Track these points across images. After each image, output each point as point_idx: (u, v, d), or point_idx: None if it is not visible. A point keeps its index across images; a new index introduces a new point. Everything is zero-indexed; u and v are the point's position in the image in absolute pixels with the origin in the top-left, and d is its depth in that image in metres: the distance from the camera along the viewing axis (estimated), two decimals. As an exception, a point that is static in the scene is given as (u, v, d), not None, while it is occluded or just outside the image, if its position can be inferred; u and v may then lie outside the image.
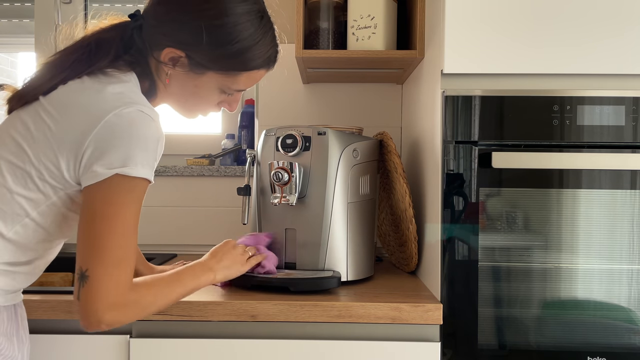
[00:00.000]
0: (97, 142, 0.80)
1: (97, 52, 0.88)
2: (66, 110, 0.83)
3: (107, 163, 0.79)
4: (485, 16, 1.04)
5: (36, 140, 0.83)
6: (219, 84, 0.93)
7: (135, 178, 0.80)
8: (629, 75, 1.05)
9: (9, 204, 0.83)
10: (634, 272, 1.05)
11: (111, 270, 0.78)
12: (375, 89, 1.66)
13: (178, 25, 0.88)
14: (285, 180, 1.15)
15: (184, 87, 0.92)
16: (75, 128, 0.81)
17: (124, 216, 0.80)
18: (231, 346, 1.03)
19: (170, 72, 0.90)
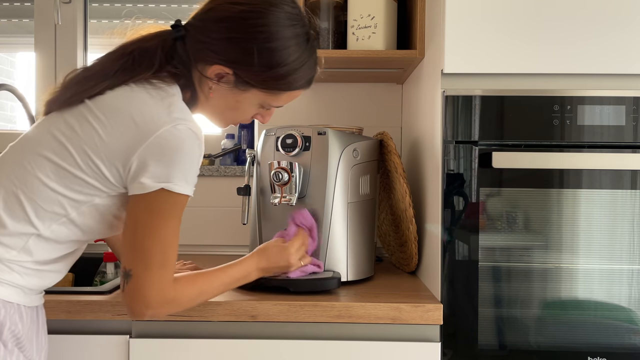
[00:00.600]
0: (146, 156, 0.82)
1: (140, 61, 0.89)
2: (115, 117, 0.85)
3: (154, 177, 0.82)
4: (485, 16, 1.04)
5: (83, 143, 0.84)
6: (260, 100, 0.96)
7: (179, 195, 0.84)
8: (629, 75, 1.05)
9: (50, 203, 0.84)
10: (634, 272, 1.05)
11: (151, 273, 0.84)
12: (375, 89, 1.65)
13: (230, 44, 0.89)
14: (285, 180, 1.15)
15: (225, 100, 0.95)
16: (125, 137, 0.83)
17: (166, 227, 0.84)
18: (231, 346, 1.03)
19: (214, 86, 0.92)
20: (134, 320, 0.93)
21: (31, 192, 0.84)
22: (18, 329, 0.85)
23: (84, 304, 1.02)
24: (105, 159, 0.83)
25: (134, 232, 0.85)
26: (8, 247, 0.83)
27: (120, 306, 1.02)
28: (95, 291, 1.07)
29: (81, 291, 1.07)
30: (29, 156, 0.86)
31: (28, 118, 1.49)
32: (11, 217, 0.84)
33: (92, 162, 0.84)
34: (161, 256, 0.84)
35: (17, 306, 0.85)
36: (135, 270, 0.84)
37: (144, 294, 0.85)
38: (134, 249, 0.84)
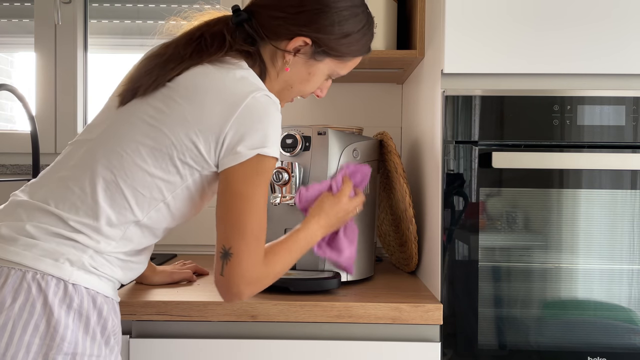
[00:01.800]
0: (239, 126, 0.85)
1: (212, 43, 0.93)
2: (200, 94, 0.87)
3: (249, 144, 0.85)
4: (485, 16, 1.04)
5: (174, 121, 0.86)
6: (331, 69, 1.01)
7: (271, 158, 0.87)
8: (629, 75, 1.05)
9: (149, 188, 0.86)
10: (634, 272, 1.05)
11: (252, 247, 0.86)
12: (375, 89, 1.65)
13: (311, 15, 0.95)
14: (285, 180, 1.15)
15: (298, 73, 0.99)
16: (214, 111, 0.85)
17: (260, 194, 0.87)
18: (231, 346, 1.03)
19: (290, 59, 0.96)
20: (229, 302, 0.94)
21: (131, 180, 0.85)
22: (115, 324, 0.88)
23: (84, 304, 1.01)
24: (199, 133, 0.85)
25: (231, 206, 0.85)
26: (109, 238, 0.84)
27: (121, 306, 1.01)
28: (95, 291, 1.07)
29: (81, 291, 1.07)
30: (123, 144, 0.86)
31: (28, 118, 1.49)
32: (112, 208, 0.85)
33: (187, 140, 0.85)
34: (258, 227, 0.86)
35: (111, 301, 0.86)
36: (236, 246, 0.85)
37: (246, 271, 0.85)
38: (232, 224, 0.85)
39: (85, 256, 0.82)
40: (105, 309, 0.84)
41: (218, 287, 0.88)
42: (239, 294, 0.87)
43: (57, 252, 0.80)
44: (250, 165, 0.85)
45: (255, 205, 0.86)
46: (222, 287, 0.87)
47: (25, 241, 0.80)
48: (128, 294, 1.07)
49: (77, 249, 0.82)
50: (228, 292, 0.87)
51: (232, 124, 0.85)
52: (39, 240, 0.81)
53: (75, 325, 0.80)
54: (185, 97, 0.87)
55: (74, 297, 0.80)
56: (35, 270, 0.78)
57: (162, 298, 1.04)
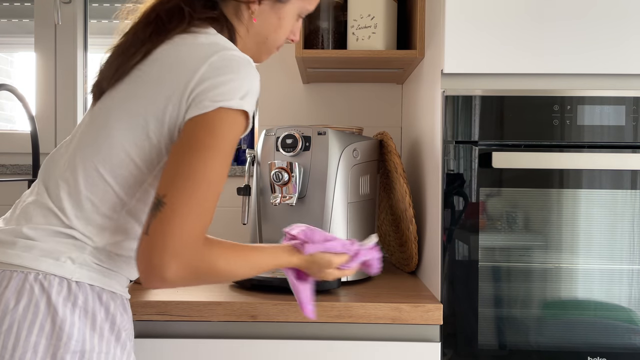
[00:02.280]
0: (203, 81, 0.79)
1: (170, 19, 0.88)
2: (166, 63, 0.84)
3: (211, 96, 0.78)
4: (485, 16, 1.04)
5: (143, 96, 0.82)
6: (299, 8, 0.97)
7: (237, 111, 0.79)
8: (629, 75, 1.05)
9: (128, 167, 0.82)
10: (634, 272, 1.05)
11: (192, 206, 0.73)
12: (375, 89, 1.65)
13: None
14: (285, 180, 1.15)
15: (268, 22, 0.95)
16: (178, 74, 0.81)
17: (219, 150, 0.77)
18: (231, 346, 1.03)
19: (256, 9, 0.93)
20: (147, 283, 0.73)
21: (110, 163, 0.82)
22: (125, 319, 0.85)
23: (84, 304, 1.01)
24: (169, 100, 0.80)
25: (183, 154, 0.76)
26: (102, 229, 0.82)
27: (120, 306, 1.02)
28: (95, 291, 1.07)
29: (81, 291, 1.07)
30: (98, 132, 0.84)
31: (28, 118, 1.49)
32: (95, 194, 0.82)
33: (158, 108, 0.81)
34: (206, 188, 0.75)
35: (119, 297, 0.85)
36: (171, 195, 0.73)
37: (177, 233, 0.71)
38: (176, 172, 0.75)
39: (86, 253, 0.81)
40: (112, 305, 0.83)
41: (139, 255, 0.73)
42: (161, 268, 0.71)
43: (57, 251, 0.80)
44: (214, 118, 0.78)
45: (213, 159, 0.76)
46: (143, 254, 0.73)
47: (23, 243, 0.80)
48: (128, 294, 1.07)
49: (77, 247, 0.81)
50: (148, 262, 0.72)
51: (197, 80, 0.79)
52: (38, 241, 0.80)
53: (82, 323, 0.78)
54: (152, 71, 0.84)
55: (79, 295, 0.79)
56: (37, 271, 0.78)
57: (162, 298, 1.04)
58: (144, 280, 0.74)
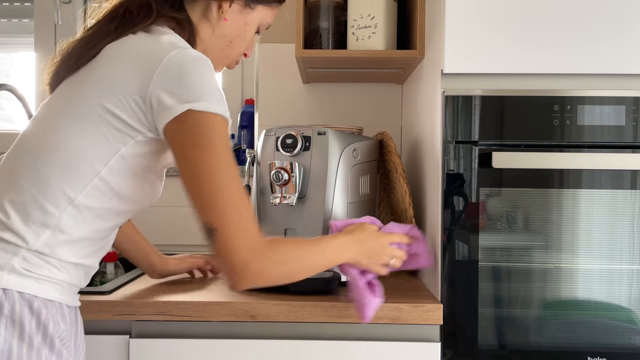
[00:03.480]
0: (163, 82, 0.79)
1: (138, 13, 0.89)
2: (120, 57, 0.83)
3: (178, 97, 0.78)
4: (485, 16, 1.04)
5: (95, 88, 0.81)
6: (261, 18, 1.00)
7: (209, 114, 0.79)
8: (629, 75, 1.05)
9: (76, 159, 0.80)
10: (634, 272, 1.05)
11: (236, 215, 0.78)
12: (375, 89, 1.66)
13: None
14: (285, 180, 1.15)
15: (235, 25, 0.97)
16: (131, 71, 0.80)
17: (217, 158, 0.78)
18: (231, 346, 1.03)
19: (227, 9, 0.94)
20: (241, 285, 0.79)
21: (55, 154, 0.80)
22: (61, 330, 0.81)
23: (84, 304, 1.01)
24: (119, 97, 0.79)
25: (189, 177, 0.78)
26: (42, 225, 0.79)
27: (121, 306, 1.02)
28: (95, 291, 1.07)
29: (81, 291, 1.06)
30: (44, 122, 0.83)
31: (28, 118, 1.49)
32: (36, 187, 0.79)
33: (107, 103, 0.80)
34: (232, 191, 0.78)
35: (58, 305, 0.81)
36: (217, 219, 0.77)
37: (234, 244, 0.77)
38: (198, 195, 0.78)
39: (17, 258, 0.77)
40: (44, 313, 0.78)
41: (223, 275, 0.79)
42: (246, 270, 0.77)
43: None
44: (189, 125, 0.78)
45: (217, 170, 0.78)
46: (226, 272, 0.79)
47: None
48: (128, 294, 1.07)
49: (6, 251, 0.77)
50: (234, 274, 0.78)
51: (155, 79, 0.79)
52: None
53: (8, 333, 0.75)
54: (104, 66, 0.83)
55: (4, 303, 0.75)
56: None
57: (162, 298, 1.04)
58: (235, 288, 0.81)
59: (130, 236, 1.16)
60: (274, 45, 1.64)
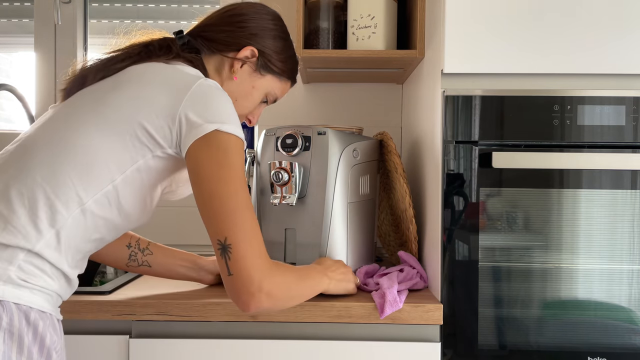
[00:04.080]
0: (194, 102, 0.84)
1: (160, 49, 0.95)
2: (147, 77, 0.88)
3: (206, 117, 0.83)
4: (485, 16, 1.04)
5: (122, 99, 0.85)
6: (270, 88, 1.06)
7: (232, 136, 0.84)
8: (629, 75, 1.05)
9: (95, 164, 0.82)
10: (634, 272, 1.05)
11: (249, 232, 0.81)
12: (375, 89, 1.65)
13: (259, 30, 1.03)
14: (285, 180, 1.15)
15: (242, 86, 1.03)
16: (163, 92, 0.85)
17: (236, 177, 0.82)
18: (231, 346, 1.03)
19: (238, 69, 1.01)
20: (252, 309, 0.81)
21: (73, 156, 0.81)
22: (56, 342, 0.80)
23: (84, 304, 1.02)
24: (150, 113, 0.83)
25: (210, 195, 0.81)
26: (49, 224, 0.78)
27: (121, 306, 1.02)
28: (95, 291, 1.07)
29: (81, 291, 1.07)
30: (64, 125, 0.84)
31: (28, 118, 1.49)
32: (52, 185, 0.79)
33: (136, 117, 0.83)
34: (250, 214, 0.82)
35: (50, 317, 0.80)
36: (231, 234, 0.79)
37: (256, 258, 0.80)
38: (216, 213, 0.80)
39: (12, 267, 0.76)
40: (41, 325, 0.77)
41: (232, 294, 0.80)
42: (260, 289, 0.79)
43: None
44: (214, 143, 0.82)
45: (237, 187, 0.81)
46: (237, 289, 0.80)
47: None
48: (128, 294, 1.07)
49: (2, 259, 0.75)
50: (246, 291, 0.79)
51: (186, 101, 0.84)
52: None
53: (7, 346, 0.73)
54: (133, 80, 0.88)
55: (2, 316, 0.73)
56: None
57: (162, 298, 1.04)
58: (245, 309, 0.81)
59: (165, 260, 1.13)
60: (274, 45, 1.64)
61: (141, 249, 1.10)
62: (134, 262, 1.09)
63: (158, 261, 1.11)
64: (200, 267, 1.14)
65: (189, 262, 1.14)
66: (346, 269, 1.07)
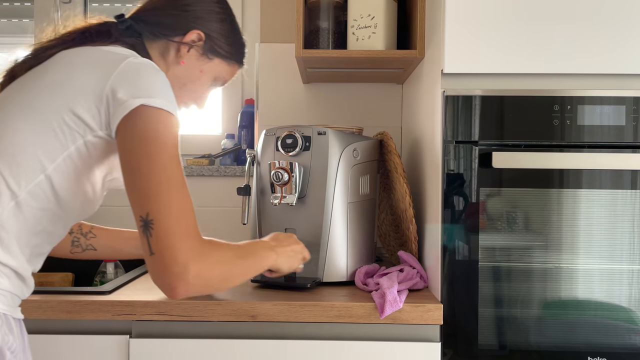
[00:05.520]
0: (120, 80, 0.81)
1: (98, 35, 0.93)
2: (73, 62, 0.86)
3: (131, 93, 0.79)
4: (485, 16, 1.04)
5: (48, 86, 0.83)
6: (218, 71, 1.04)
7: (161, 110, 0.80)
8: (629, 75, 1.05)
9: (24, 153, 0.79)
10: (634, 272, 1.05)
11: (175, 208, 0.75)
12: (375, 89, 1.66)
13: (206, 14, 1.00)
14: (285, 180, 1.15)
15: (190, 70, 1.00)
16: (89, 73, 0.82)
17: (166, 153, 0.78)
18: (231, 346, 1.03)
19: (185, 53, 0.98)
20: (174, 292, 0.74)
21: (4, 149, 0.79)
22: (10, 342, 0.78)
23: (84, 304, 1.02)
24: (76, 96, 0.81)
25: (133, 171, 0.77)
26: None
27: (121, 306, 1.02)
28: (95, 291, 1.07)
29: (81, 291, 1.07)
30: None
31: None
32: None
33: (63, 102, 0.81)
34: (179, 189, 0.76)
35: (4, 316, 0.78)
36: (154, 211, 0.74)
37: (178, 239, 0.73)
38: (141, 188, 0.76)
39: None
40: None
41: (155, 275, 0.74)
42: (186, 270, 0.72)
43: None
44: (141, 119, 0.78)
45: (165, 164, 0.77)
46: (160, 270, 0.73)
47: None
48: (128, 294, 1.07)
49: None
50: (169, 272, 0.72)
51: (113, 79, 0.81)
52: None
53: None
54: (58, 65, 0.85)
55: None
56: None
57: (162, 298, 1.04)
58: (171, 293, 0.74)
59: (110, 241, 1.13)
60: (274, 45, 1.64)
61: (84, 233, 1.09)
62: (78, 248, 1.08)
63: (103, 243, 1.10)
64: None
65: (135, 240, 1.13)
66: (298, 246, 1.04)
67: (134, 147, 0.78)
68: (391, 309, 0.99)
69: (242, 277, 0.88)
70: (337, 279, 1.16)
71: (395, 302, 1.00)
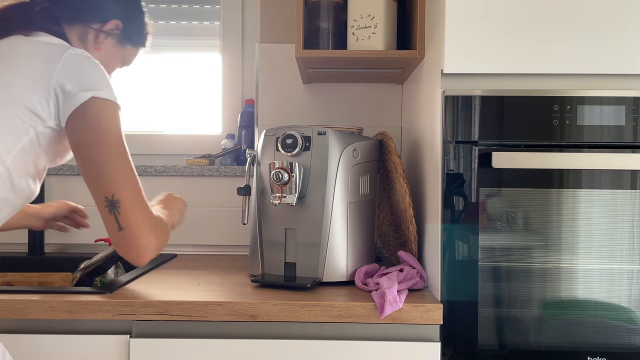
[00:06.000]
0: (65, 75, 0.87)
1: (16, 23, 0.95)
2: (11, 54, 0.88)
3: (81, 86, 0.87)
4: (485, 16, 1.04)
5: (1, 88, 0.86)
6: (127, 57, 1.12)
7: (109, 101, 0.89)
8: (629, 75, 1.05)
9: None
10: (634, 272, 1.05)
11: (134, 189, 0.88)
12: (375, 89, 1.66)
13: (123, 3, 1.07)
14: (285, 180, 1.15)
15: (106, 55, 1.06)
16: (33, 65, 0.86)
17: (117, 142, 0.88)
18: (231, 346, 1.03)
19: (102, 40, 1.04)
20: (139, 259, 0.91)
21: None
22: None
23: (84, 304, 1.02)
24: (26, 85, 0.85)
25: (92, 160, 0.86)
26: None
27: (121, 306, 1.02)
28: (95, 291, 1.07)
29: (81, 291, 1.07)
30: None
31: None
32: None
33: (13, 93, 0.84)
34: (130, 169, 0.88)
35: None
36: (118, 191, 0.86)
37: (144, 215, 0.88)
38: (102, 174, 0.86)
39: None
40: None
41: (124, 248, 0.87)
42: (150, 240, 0.87)
43: None
44: (91, 111, 0.87)
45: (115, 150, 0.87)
46: (129, 243, 0.87)
47: None
48: (128, 294, 1.07)
49: None
50: (137, 244, 0.87)
51: (59, 73, 0.86)
52: None
53: None
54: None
55: None
56: None
57: (162, 298, 1.04)
58: (138, 261, 0.89)
59: None
60: (274, 45, 1.64)
61: None
62: None
63: None
64: (31, 214, 1.20)
65: (20, 212, 1.18)
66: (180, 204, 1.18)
67: (90, 137, 0.86)
68: (391, 309, 0.99)
69: None
70: (337, 278, 1.16)
71: (395, 302, 1.00)
